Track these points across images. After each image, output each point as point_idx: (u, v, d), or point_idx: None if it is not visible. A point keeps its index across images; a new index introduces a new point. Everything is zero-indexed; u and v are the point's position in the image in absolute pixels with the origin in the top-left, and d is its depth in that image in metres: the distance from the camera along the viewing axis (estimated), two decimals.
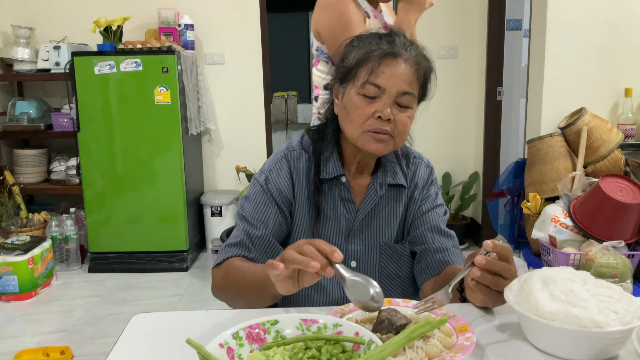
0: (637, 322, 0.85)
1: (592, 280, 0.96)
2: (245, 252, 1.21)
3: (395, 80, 1.14)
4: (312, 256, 0.90)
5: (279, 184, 1.25)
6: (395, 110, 1.16)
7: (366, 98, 1.16)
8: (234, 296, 1.18)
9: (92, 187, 3.67)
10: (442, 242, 1.28)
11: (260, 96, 4.19)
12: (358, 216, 1.28)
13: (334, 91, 1.25)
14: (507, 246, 0.98)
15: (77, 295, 3.38)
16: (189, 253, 3.79)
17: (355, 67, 1.17)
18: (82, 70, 3.52)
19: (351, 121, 1.18)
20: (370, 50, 1.16)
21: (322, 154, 1.28)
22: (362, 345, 0.79)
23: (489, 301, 1.01)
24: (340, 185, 1.27)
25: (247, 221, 1.24)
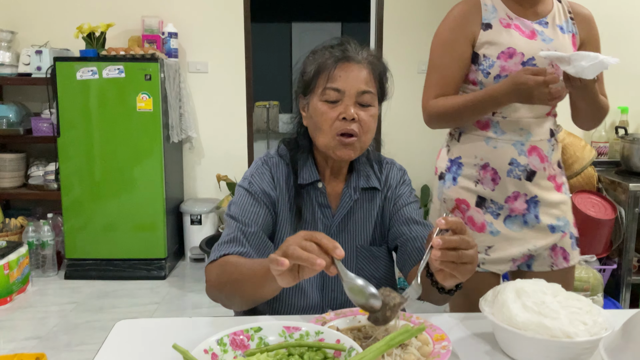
0: (604, 333, 0.89)
1: (563, 293, 1.00)
2: (240, 248, 1.22)
3: (352, 81, 1.21)
4: (316, 253, 0.91)
5: (263, 186, 1.30)
6: (357, 110, 1.22)
7: (328, 103, 1.22)
8: (229, 293, 1.17)
9: (70, 193, 3.64)
10: (419, 231, 1.32)
11: (243, 105, 4.22)
12: (334, 220, 1.32)
13: (300, 105, 1.32)
14: (459, 219, 0.98)
15: (53, 302, 3.34)
16: (167, 261, 3.77)
17: (314, 78, 1.25)
18: (64, 75, 3.51)
19: (319, 128, 1.24)
20: (324, 59, 1.24)
21: (298, 162, 1.33)
22: (343, 352, 0.82)
23: (459, 275, 0.98)
24: (317, 190, 1.32)
25: (238, 221, 1.26)
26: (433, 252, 0.95)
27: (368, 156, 1.40)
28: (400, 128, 4.00)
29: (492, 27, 1.54)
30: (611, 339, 0.83)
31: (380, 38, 4.19)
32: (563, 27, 1.59)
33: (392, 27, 4.17)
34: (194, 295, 3.48)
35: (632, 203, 2.52)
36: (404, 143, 4.09)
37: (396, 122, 3.98)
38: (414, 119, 4.24)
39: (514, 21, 1.56)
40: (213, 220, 4.06)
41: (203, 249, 3.62)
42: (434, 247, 0.95)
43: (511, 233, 1.62)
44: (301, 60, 1.32)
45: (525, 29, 1.55)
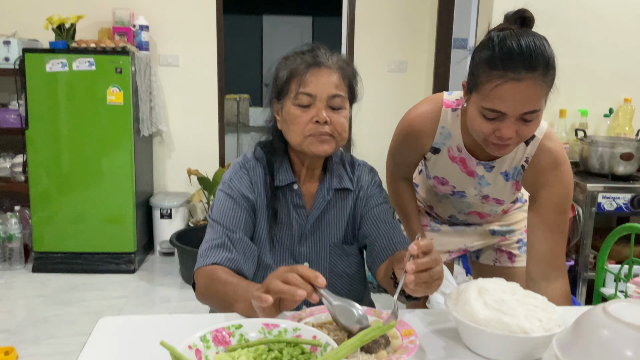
0: (557, 329, 0.97)
1: (521, 291, 1.08)
2: (228, 254, 1.27)
3: (323, 86, 1.27)
4: (297, 284, 0.96)
5: (241, 189, 1.35)
6: (329, 113, 1.27)
7: (301, 107, 1.28)
8: (215, 306, 1.23)
9: (38, 186, 3.61)
10: (387, 231, 1.39)
11: (214, 99, 4.22)
12: (309, 220, 1.39)
13: (274, 109, 1.38)
14: (428, 242, 1.03)
15: (21, 295, 3.32)
16: (136, 255, 3.77)
17: (286, 83, 1.30)
18: (33, 67, 3.46)
19: (292, 131, 1.30)
20: (296, 65, 1.30)
21: (274, 164, 1.39)
22: (320, 347, 0.88)
23: (429, 292, 1.06)
24: (293, 192, 1.38)
25: (222, 225, 1.31)
26: (407, 276, 1.00)
27: (341, 157, 1.47)
28: (371, 128, 4.05)
29: (440, 152, 1.52)
30: (563, 335, 0.91)
31: (352, 35, 4.24)
32: (509, 174, 1.48)
33: (364, 23, 4.23)
34: (164, 289, 3.50)
35: (589, 202, 2.64)
36: (374, 143, 4.15)
37: (367, 122, 4.04)
38: (384, 118, 4.32)
39: (460, 154, 1.49)
40: (183, 214, 4.07)
41: (173, 243, 3.64)
42: (407, 272, 1.00)
43: (451, 230, 1.73)
44: (274, 67, 1.36)
45: (469, 165, 1.50)
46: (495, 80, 1.17)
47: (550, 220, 1.40)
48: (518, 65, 1.15)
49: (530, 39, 1.17)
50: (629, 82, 3.14)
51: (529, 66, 1.15)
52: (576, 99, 3.14)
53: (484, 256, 1.79)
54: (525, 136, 1.24)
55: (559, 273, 1.40)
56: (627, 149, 2.69)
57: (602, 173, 2.76)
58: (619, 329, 0.82)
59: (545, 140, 1.40)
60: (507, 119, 1.20)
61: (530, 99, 1.17)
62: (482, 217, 1.69)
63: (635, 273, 1.90)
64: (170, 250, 4.02)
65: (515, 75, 1.15)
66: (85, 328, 2.84)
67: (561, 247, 1.41)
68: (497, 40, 1.18)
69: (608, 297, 2.05)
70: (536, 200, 1.43)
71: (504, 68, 1.15)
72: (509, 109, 1.18)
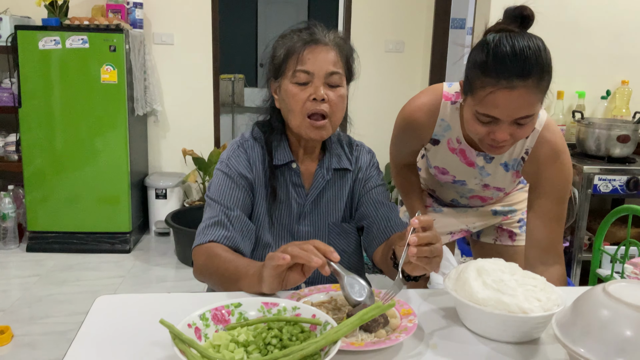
0: (556, 309, 0.98)
1: (520, 271, 1.08)
2: (225, 232, 1.27)
3: (320, 63, 1.26)
4: (314, 253, 0.99)
5: (239, 168, 1.34)
6: (327, 91, 1.27)
7: (299, 85, 1.27)
8: (214, 283, 1.23)
9: (32, 165, 3.58)
10: (385, 213, 1.40)
11: (209, 79, 4.19)
12: (308, 199, 1.39)
13: (272, 88, 1.37)
14: (428, 218, 1.06)
15: (15, 275, 3.31)
16: (131, 235, 3.76)
17: (284, 61, 1.29)
18: (26, 44, 3.41)
19: (291, 110, 1.29)
20: (293, 43, 1.29)
21: (272, 143, 1.38)
22: (319, 326, 0.88)
23: (430, 268, 1.07)
24: (291, 171, 1.38)
25: (220, 204, 1.31)
26: (410, 249, 1.02)
27: (339, 138, 1.47)
28: (368, 106, 4.05)
29: (440, 144, 1.52)
30: (562, 315, 0.91)
31: (349, 14, 4.20)
32: (508, 164, 1.48)
33: (361, 3, 4.18)
34: (160, 269, 3.50)
35: (585, 184, 2.65)
36: (371, 122, 4.14)
37: (364, 102, 4.03)
38: (381, 98, 4.30)
39: (460, 146, 1.49)
40: (178, 194, 4.06)
41: (169, 223, 3.63)
42: (410, 244, 1.01)
43: (453, 212, 1.74)
44: (270, 45, 1.35)
45: (469, 156, 1.50)
46: (489, 87, 1.17)
47: (549, 210, 1.40)
48: (511, 73, 1.14)
49: (526, 44, 1.15)
50: (626, 64, 3.13)
51: (522, 74, 1.14)
52: (574, 80, 3.13)
53: (484, 235, 1.80)
54: (520, 138, 1.25)
55: (556, 259, 1.41)
56: (624, 131, 2.69)
57: (598, 155, 2.76)
58: (619, 309, 0.82)
59: (545, 131, 1.39)
60: (501, 124, 1.20)
61: (523, 106, 1.17)
62: (484, 200, 1.70)
63: (631, 254, 1.91)
64: (166, 231, 4.02)
65: (508, 83, 1.15)
66: (81, 307, 2.84)
67: (559, 235, 1.42)
68: (492, 45, 1.17)
69: (604, 278, 2.06)
70: (535, 190, 1.43)
71: (497, 76, 1.15)
72: (502, 115, 1.19)
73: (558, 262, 1.42)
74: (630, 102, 3.10)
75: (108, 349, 0.91)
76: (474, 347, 0.98)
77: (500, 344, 0.99)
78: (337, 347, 0.79)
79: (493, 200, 1.71)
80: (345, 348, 0.89)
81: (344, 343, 0.91)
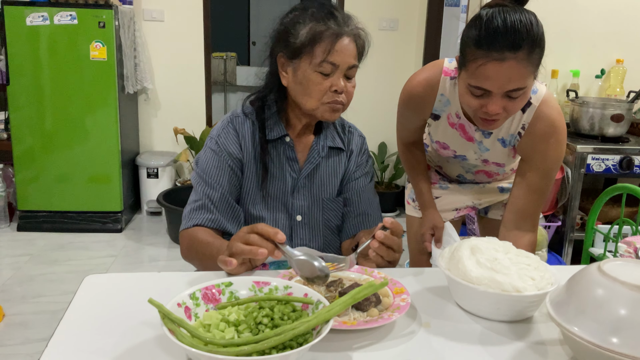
0: (550, 288, 0.97)
1: (513, 250, 1.07)
2: (209, 215, 1.29)
3: (345, 56, 1.27)
4: (259, 243, 1.01)
5: (228, 146, 1.34)
6: (345, 82, 1.29)
7: (322, 75, 1.27)
8: (198, 267, 1.29)
9: (21, 143, 3.53)
10: (364, 208, 1.44)
11: (201, 56, 4.13)
12: (302, 173, 1.39)
13: (279, 63, 1.32)
14: (400, 225, 1.11)
15: (6, 254, 3.29)
16: (123, 214, 3.74)
17: (308, 46, 1.25)
18: (13, 20, 3.34)
19: (310, 96, 1.29)
20: (319, 30, 1.25)
21: (265, 118, 1.37)
22: (311, 305, 0.87)
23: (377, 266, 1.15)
24: (285, 144, 1.38)
25: (204, 183, 1.32)
26: (372, 242, 1.08)
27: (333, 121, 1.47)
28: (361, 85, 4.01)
29: (440, 119, 1.52)
30: (556, 294, 0.90)
31: None
32: (505, 140, 1.47)
33: None
34: (151, 248, 3.49)
35: (578, 164, 2.64)
36: (365, 100, 4.11)
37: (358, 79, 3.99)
38: (375, 77, 4.26)
39: (459, 121, 1.49)
40: (170, 173, 4.03)
41: (160, 202, 3.61)
42: (375, 238, 1.08)
43: (459, 188, 1.73)
44: (281, 19, 1.32)
45: (468, 131, 1.50)
46: (480, 59, 1.18)
47: (535, 182, 1.43)
48: (502, 45, 1.15)
49: (517, 17, 1.17)
50: (621, 43, 3.11)
51: (512, 46, 1.15)
52: (568, 59, 3.11)
53: (492, 211, 1.80)
54: (513, 111, 1.26)
55: (530, 227, 1.46)
56: (618, 111, 2.68)
57: (592, 134, 2.76)
58: (614, 287, 0.81)
59: (543, 106, 1.38)
60: (493, 96, 1.22)
61: (514, 78, 1.18)
62: (490, 175, 1.69)
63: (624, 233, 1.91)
64: (158, 210, 3.99)
65: (499, 55, 1.16)
66: (72, 287, 2.82)
67: (539, 206, 1.46)
68: (485, 19, 1.19)
69: (597, 257, 2.07)
70: (526, 163, 1.44)
71: (488, 47, 1.17)
72: (493, 87, 1.20)
73: (532, 231, 1.47)
74: (624, 81, 3.08)
75: (96, 328, 0.90)
76: (467, 326, 0.97)
77: (494, 323, 0.98)
78: (329, 326, 0.78)
79: (500, 177, 1.71)
80: (337, 327, 0.88)
81: (336, 322, 0.90)
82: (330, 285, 1.03)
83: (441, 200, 1.74)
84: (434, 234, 1.69)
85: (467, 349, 0.90)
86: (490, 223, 1.82)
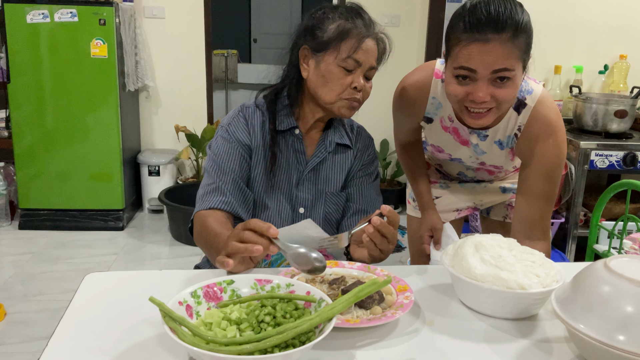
0: (555, 285, 0.96)
1: (518, 247, 1.06)
2: (222, 197, 1.31)
3: (369, 56, 1.31)
4: (254, 240, 1.01)
5: (238, 134, 1.37)
6: (364, 81, 1.33)
7: (345, 70, 1.30)
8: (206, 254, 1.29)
9: (22, 141, 3.53)
10: (364, 205, 1.45)
11: (201, 54, 4.12)
12: (308, 166, 1.41)
13: (301, 55, 1.35)
14: (397, 215, 1.12)
15: (7, 252, 3.28)
16: (124, 212, 3.73)
17: (336, 40, 1.29)
18: (13, 18, 3.33)
19: (330, 89, 1.31)
20: (348, 27, 1.29)
21: (276, 110, 1.40)
22: (313, 303, 0.86)
23: (369, 257, 1.16)
24: (294, 137, 1.40)
25: (217, 166, 1.35)
26: (367, 227, 1.09)
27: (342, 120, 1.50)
28: None
29: (433, 122, 1.50)
30: (562, 291, 0.89)
31: None
32: (503, 142, 1.44)
33: None
34: (153, 246, 3.48)
35: (582, 160, 2.63)
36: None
37: None
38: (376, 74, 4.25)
39: (453, 124, 1.46)
40: (172, 171, 4.02)
41: (162, 200, 3.60)
42: (371, 223, 1.08)
43: (460, 188, 1.71)
44: (311, 14, 1.36)
45: (462, 134, 1.47)
46: (464, 41, 1.19)
47: (537, 187, 1.37)
48: (485, 28, 1.16)
49: (502, 3, 1.18)
50: (624, 39, 3.09)
51: (495, 28, 1.16)
52: (571, 55, 3.09)
53: (494, 212, 1.78)
54: (501, 100, 1.22)
55: (541, 235, 1.40)
56: (621, 107, 2.67)
57: (595, 130, 2.74)
58: (621, 284, 0.80)
59: (539, 106, 1.35)
60: (480, 81, 1.19)
61: (498, 58, 1.17)
62: (491, 173, 1.65)
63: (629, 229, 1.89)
64: (159, 208, 3.99)
65: (482, 36, 1.16)
66: (74, 285, 2.81)
67: (547, 212, 1.40)
68: (469, 5, 1.21)
69: (601, 254, 2.06)
70: (526, 168, 1.39)
71: (472, 30, 1.17)
72: (478, 66, 1.18)
73: (543, 239, 1.40)
74: (628, 76, 3.07)
75: (97, 327, 0.89)
76: (471, 324, 0.96)
77: (498, 320, 0.97)
78: (332, 324, 0.77)
79: (502, 174, 1.68)
80: (340, 325, 0.87)
81: (339, 320, 0.89)
82: (333, 283, 1.02)
83: (441, 201, 1.72)
84: (432, 235, 1.67)
85: (471, 347, 0.89)
86: (492, 224, 1.79)
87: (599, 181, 3.25)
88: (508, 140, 1.43)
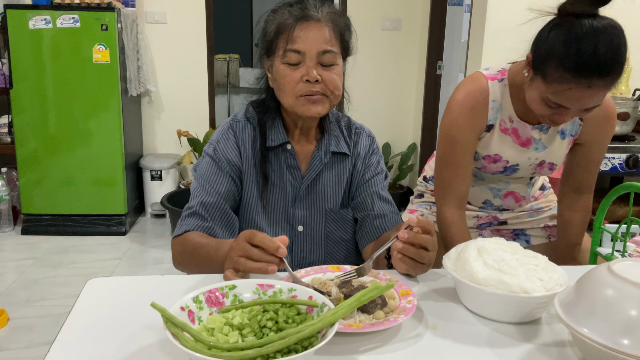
0: (558, 289, 0.95)
1: (521, 251, 1.05)
2: (201, 222, 1.24)
3: (312, 41, 1.18)
4: (265, 260, 0.96)
5: (227, 153, 1.29)
6: (320, 71, 1.20)
7: (290, 66, 1.20)
8: (192, 271, 1.20)
9: (25, 147, 3.54)
10: (381, 208, 1.35)
11: (203, 58, 4.13)
12: (304, 182, 1.33)
13: (265, 66, 1.30)
14: (430, 221, 1.04)
15: (10, 258, 3.29)
16: (127, 217, 3.74)
17: (274, 39, 1.22)
18: (16, 24, 3.35)
19: (283, 90, 1.22)
20: (283, 19, 1.20)
21: (266, 124, 1.32)
22: (316, 308, 0.85)
23: (411, 270, 1.09)
24: (286, 152, 1.32)
25: (201, 188, 1.28)
26: (396, 243, 1.04)
27: (338, 118, 1.40)
28: (365, 85, 4.00)
29: (493, 129, 1.48)
30: (565, 295, 0.89)
31: None
32: (565, 131, 1.49)
33: None
34: (156, 250, 3.48)
35: None
36: (367, 100, 4.10)
37: (360, 79, 3.98)
38: (377, 76, 4.25)
39: (513, 125, 1.46)
40: (174, 176, 4.03)
41: (164, 205, 3.60)
42: (399, 238, 1.02)
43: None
44: (262, 19, 1.28)
45: (522, 135, 1.47)
46: (567, 83, 1.21)
47: (598, 161, 1.57)
48: (592, 74, 1.19)
49: (609, 40, 1.19)
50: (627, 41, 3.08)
51: (601, 73, 1.19)
52: None
53: (534, 238, 1.73)
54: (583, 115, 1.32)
55: (589, 189, 1.62)
56: (624, 109, 2.66)
57: None
58: (625, 288, 0.80)
59: None
60: (570, 111, 1.27)
61: (596, 100, 1.25)
62: (517, 200, 1.66)
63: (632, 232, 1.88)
64: (162, 212, 3.99)
65: (587, 82, 1.20)
66: (77, 290, 2.81)
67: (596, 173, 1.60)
68: (573, 39, 1.19)
69: (605, 257, 2.04)
70: (584, 145, 1.53)
71: (578, 74, 1.19)
72: (574, 107, 1.26)
73: (589, 192, 1.62)
74: (630, 79, 3.06)
75: (99, 332, 0.89)
76: (474, 328, 0.96)
77: (501, 325, 0.97)
78: (334, 329, 0.77)
79: (525, 201, 1.69)
80: (342, 330, 0.87)
81: (342, 325, 0.89)
82: (342, 287, 1.01)
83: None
84: None
85: (474, 352, 0.88)
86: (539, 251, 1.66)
87: (601, 184, 3.24)
88: (572, 127, 1.50)
